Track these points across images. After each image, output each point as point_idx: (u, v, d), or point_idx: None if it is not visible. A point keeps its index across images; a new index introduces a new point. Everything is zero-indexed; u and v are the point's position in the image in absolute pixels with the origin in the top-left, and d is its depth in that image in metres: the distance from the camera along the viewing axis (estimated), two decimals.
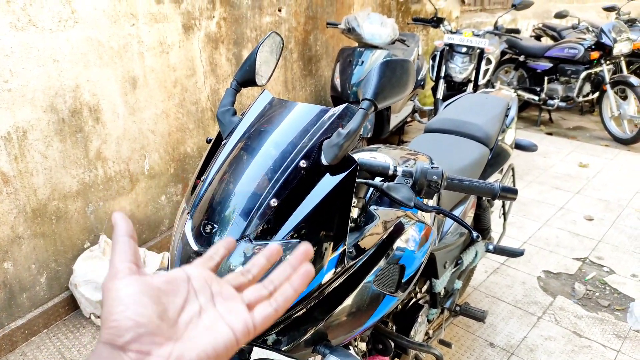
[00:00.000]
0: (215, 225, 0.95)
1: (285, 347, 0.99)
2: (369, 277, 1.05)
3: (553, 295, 2.51)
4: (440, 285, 1.69)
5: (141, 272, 0.45)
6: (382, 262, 1.09)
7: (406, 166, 1.10)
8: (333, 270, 0.96)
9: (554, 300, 2.48)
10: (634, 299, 2.46)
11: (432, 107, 4.14)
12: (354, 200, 1.05)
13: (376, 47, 3.74)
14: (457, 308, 1.88)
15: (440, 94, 4.02)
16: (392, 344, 1.41)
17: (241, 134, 1.08)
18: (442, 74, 4.12)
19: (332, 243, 0.95)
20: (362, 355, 1.38)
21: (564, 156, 4.34)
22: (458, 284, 1.86)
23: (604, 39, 4.61)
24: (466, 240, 1.89)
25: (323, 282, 0.96)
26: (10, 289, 2.19)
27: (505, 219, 2.24)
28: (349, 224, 0.97)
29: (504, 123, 2.04)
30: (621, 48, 4.61)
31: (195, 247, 0.96)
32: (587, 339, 2.21)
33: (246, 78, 1.20)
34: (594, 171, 4.02)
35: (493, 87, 4.93)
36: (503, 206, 2.20)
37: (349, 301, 1.02)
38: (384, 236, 1.11)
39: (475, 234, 1.03)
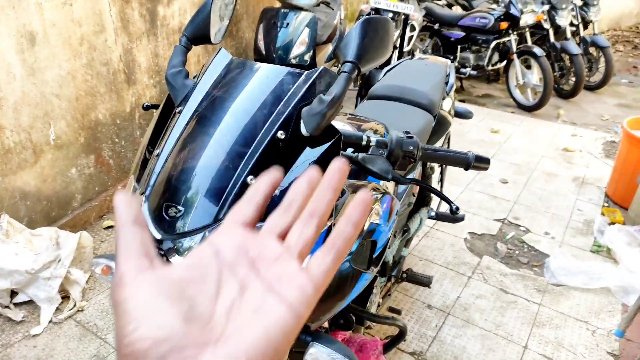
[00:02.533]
0: (180, 208, 0.82)
1: None
2: (347, 256, 0.98)
3: (479, 255, 2.65)
4: (390, 254, 1.67)
5: (154, 265, 0.31)
6: (358, 239, 1.02)
7: (378, 136, 1.03)
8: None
9: (480, 260, 2.61)
10: (548, 255, 2.67)
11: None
12: None
13: (300, 9, 3.59)
14: (404, 275, 1.90)
15: None
16: (354, 318, 1.37)
17: (199, 100, 0.93)
18: None
19: None
20: (325, 332, 1.32)
21: (477, 122, 4.56)
22: (405, 252, 1.87)
23: (512, 10, 4.85)
24: (411, 208, 1.89)
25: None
26: None
27: (442, 185, 2.29)
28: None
29: (444, 90, 2.04)
30: (527, 19, 4.88)
31: (157, 234, 0.81)
32: (512, 294, 2.37)
33: (198, 34, 1.04)
34: (505, 137, 4.28)
35: (413, 54, 5.01)
36: (441, 173, 2.24)
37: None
38: None
39: (455, 206, 1.00)
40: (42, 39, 2.26)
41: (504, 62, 5.23)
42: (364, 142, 0.98)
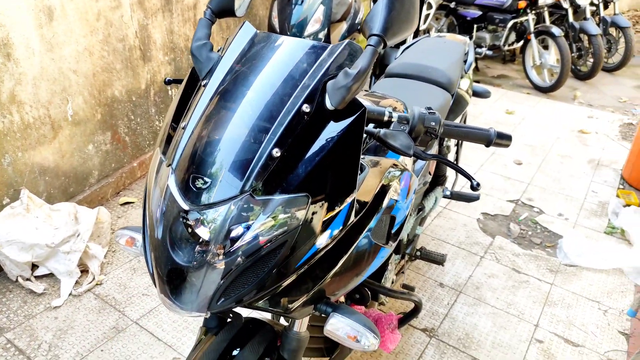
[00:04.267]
0: (207, 179, 0.83)
1: (285, 309, 0.92)
2: (367, 230, 1.00)
3: (492, 236, 2.66)
4: (405, 232, 1.69)
5: None
6: (378, 214, 1.04)
7: (399, 112, 1.03)
8: (341, 226, 0.89)
9: (493, 240, 2.62)
10: (561, 236, 2.67)
11: None
12: None
13: None
14: (418, 253, 1.91)
15: None
16: (369, 293, 1.39)
17: (224, 73, 0.94)
18: None
19: (340, 196, 0.87)
20: None
21: (492, 103, 4.52)
22: (419, 230, 1.88)
23: None
24: (427, 187, 1.90)
25: (330, 239, 0.88)
26: None
27: (457, 164, 2.28)
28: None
29: (463, 69, 2.02)
30: None
31: (184, 205, 0.83)
32: (525, 274, 2.38)
33: (223, 7, 1.04)
34: (519, 118, 4.24)
35: (429, 34, 4.94)
36: (457, 152, 2.24)
37: (349, 256, 0.96)
38: (378, 187, 1.05)
39: (475, 182, 1.00)
40: (59, 14, 2.26)
41: (521, 42, 5.14)
42: (385, 118, 0.99)
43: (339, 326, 0.93)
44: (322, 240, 0.88)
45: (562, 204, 2.98)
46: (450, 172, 2.23)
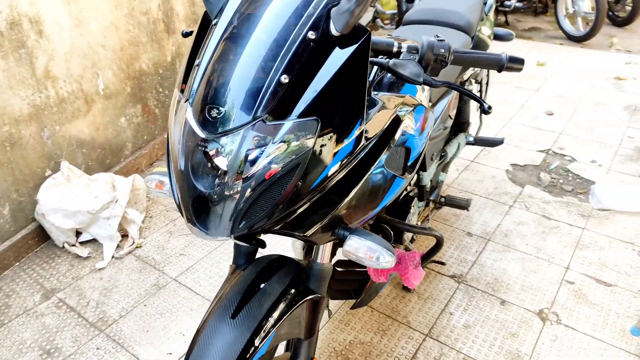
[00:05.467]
0: (221, 109, 0.88)
1: (304, 233, 0.96)
2: (381, 160, 1.03)
3: (521, 185, 2.63)
4: (427, 177, 1.70)
5: None
6: (390, 146, 1.06)
7: (408, 43, 1.04)
8: (351, 150, 0.92)
9: (522, 190, 2.59)
10: (594, 182, 2.61)
11: (396, 11, 4.00)
12: None
13: None
14: (442, 199, 1.93)
15: None
16: (392, 232, 1.43)
17: (234, 11, 0.97)
18: None
19: (349, 121, 0.90)
20: None
21: (522, 55, 4.38)
22: (443, 176, 1.89)
23: None
24: (449, 132, 1.90)
25: (341, 163, 0.92)
26: None
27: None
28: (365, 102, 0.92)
29: (482, 11, 1.98)
30: None
31: (202, 134, 0.88)
32: (555, 220, 2.35)
33: None
34: (551, 69, 4.10)
35: None
36: (480, 90, 2.20)
37: (363, 184, 0.99)
38: (390, 119, 1.07)
39: (486, 105, 1.01)
40: None
41: None
42: (395, 49, 1.00)
43: (356, 246, 0.97)
44: (333, 165, 0.92)
45: (596, 151, 2.90)
46: (473, 119, 2.21)
